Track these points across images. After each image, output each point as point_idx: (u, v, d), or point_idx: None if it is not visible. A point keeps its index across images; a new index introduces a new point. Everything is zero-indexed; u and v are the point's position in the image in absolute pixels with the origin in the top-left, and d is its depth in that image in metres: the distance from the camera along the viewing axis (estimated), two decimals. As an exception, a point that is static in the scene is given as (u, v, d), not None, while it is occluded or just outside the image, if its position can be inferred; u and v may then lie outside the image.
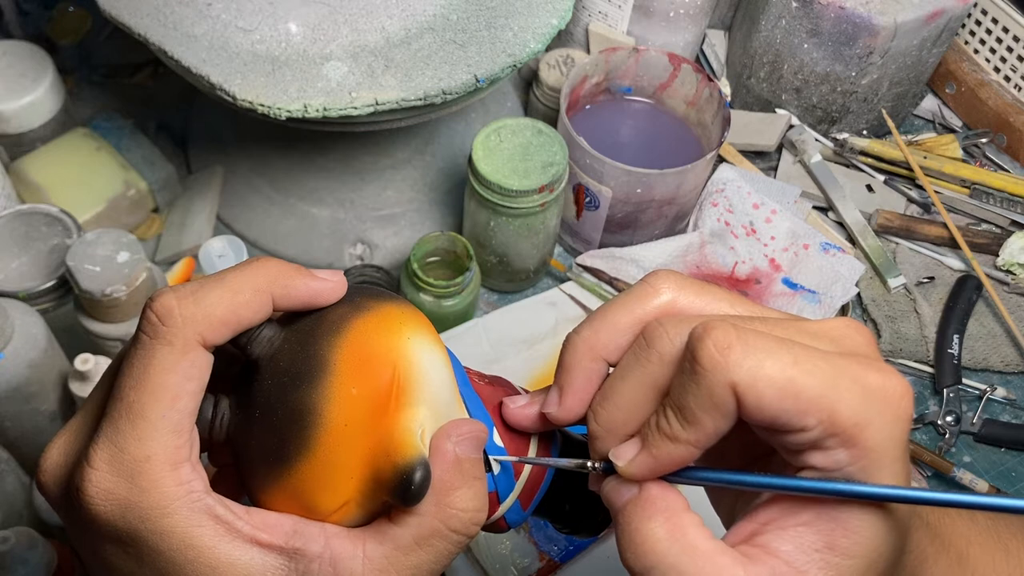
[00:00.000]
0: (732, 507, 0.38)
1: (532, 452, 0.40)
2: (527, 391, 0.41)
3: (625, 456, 0.34)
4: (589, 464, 0.36)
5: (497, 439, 0.39)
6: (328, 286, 0.37)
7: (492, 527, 0.40)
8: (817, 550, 0.32)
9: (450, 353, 0.39)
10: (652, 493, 0.34)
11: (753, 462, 0.37)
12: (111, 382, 0.36)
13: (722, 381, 0.31)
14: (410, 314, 0.38)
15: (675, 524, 0.33)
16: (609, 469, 0.35)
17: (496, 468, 0.38)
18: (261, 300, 0.36)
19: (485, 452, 0.38)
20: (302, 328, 0.37)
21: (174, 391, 0.34)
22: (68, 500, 0.35)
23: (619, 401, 0.34)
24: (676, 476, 0.34)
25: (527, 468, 0.39)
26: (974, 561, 0.40)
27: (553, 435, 0.41)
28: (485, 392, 0.40)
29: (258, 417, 0.36)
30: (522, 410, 0.39)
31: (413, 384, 0.36)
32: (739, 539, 0.33)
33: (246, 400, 0.37)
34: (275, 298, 0.37)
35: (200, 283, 0.36)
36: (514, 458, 0.39)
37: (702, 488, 0.37)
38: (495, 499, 0.39)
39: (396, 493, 0.34)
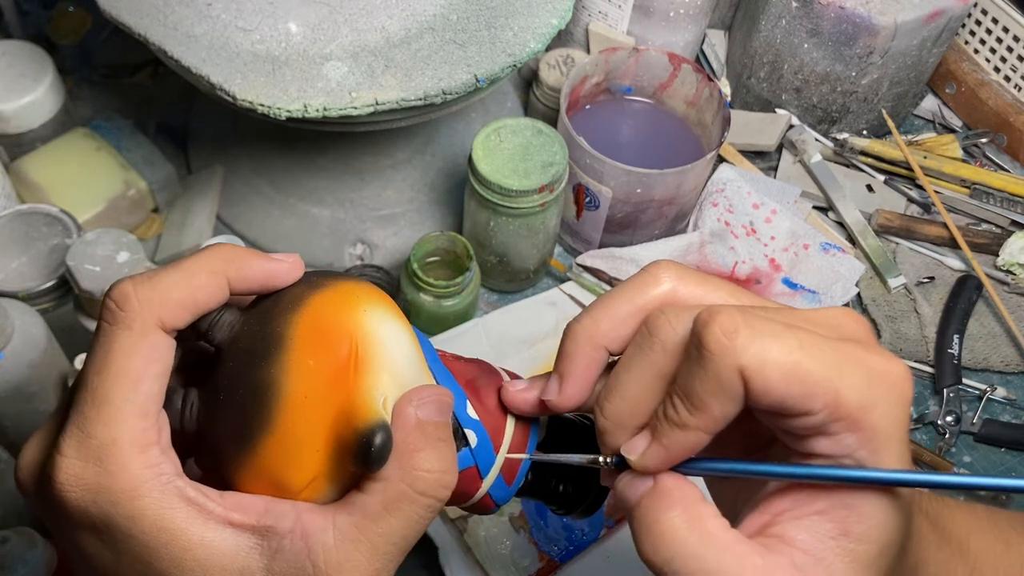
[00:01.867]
0: (734, 500, 0.38)
1: (510, 426, 0.40)
2: (507, 371, 0.41)
3: (637, 449, 0.34)
4: (601, 460, 0.36)
5: (471, 412, 0.39)
6: (283, 267, 0.38)
7: (479, 507, 0.40)
8: (833, 537, 0.32)
9: (419, 332, 0.39)
10: (667, 484, 0.34)
11: (753, 453, 0.37)
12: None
13: (730, 364, 0.31)
14: (368, 290, 0.38)
15: (693, 514, 0.33)
16: (621, 464, 0.35)
17: (473, 441, 0.38)
18: (216, 282, 0.36)
19: (460, 424, 0.38)
20: (260, 309, 0.38)
21: (136, 374, 0.35)
22: (43, 492, 0.35)
23: (625, 393, 0.35)
24: (689, 467, 0.34)
25: (506, 440, 0.39)
26: (975, 551, 0.40)
27: None
28: (458, 367, 0.40)
29: (223, 400, 0.37)
30: (521, 394, 0.39)
31: (371, 354, 0.36)
32: (752, 531, 0.33)
33: (212, 386, 0.37)
34: (231, 280, 0.37)
35: (156, 270, 0.36)
36: (525, 455, 0.39)
37: (702, 482, 0.37)
38: (476, 474, 0.39)
39: (358, 458, 0.34)
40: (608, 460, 0.36)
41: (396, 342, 0.37)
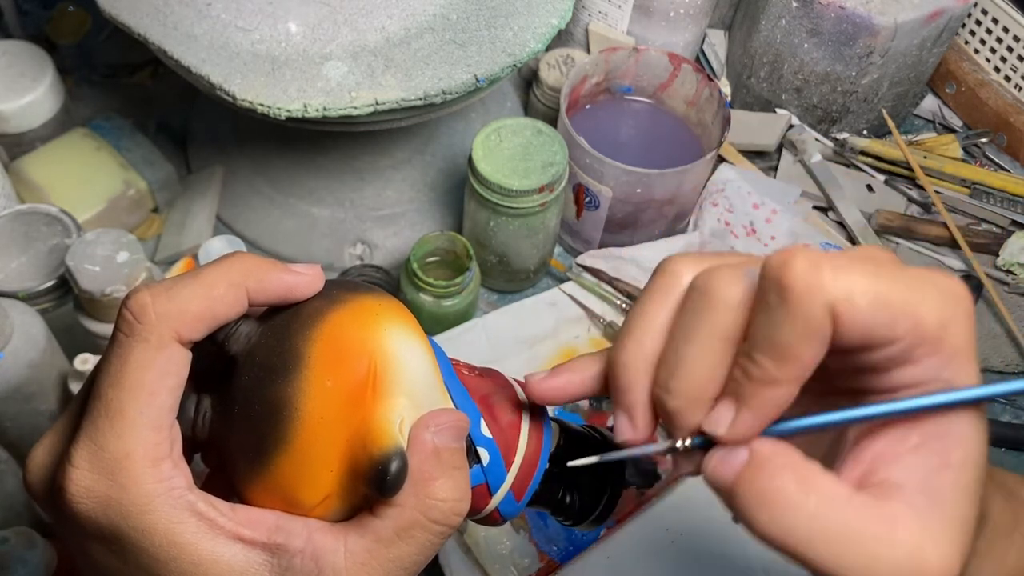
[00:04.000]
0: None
1: (523, 440, 0.39)
2: (518, 381, 0.40)
3: (723, 421, 0.32)
4: (678, 444, 0.33)
5: (484, 430, 0.38)
6: (304, 280, 0.37)
7: (487, 520, 0.40)
8: (936, 470, 0.31)
9: (435, 345, 0.38)
10: (766, 451, 0.31)
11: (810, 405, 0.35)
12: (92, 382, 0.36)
13: (819, 301, 0.29)
14: (388, 305, 0.37)
15: (802, 475, 0.31)
16: (700, 444, 0.32)
17: (485, 459, 0.38)
18: (236, 295, 0.36)
19: (472, 442, 0.38)
20: (278, 323, 0.37)
21: (151, 388, 0.34)
22: (53, 500, 0.35)
23: (693, 366, 0.32)
24: (778, 429, 0.32)
25: (518, 457, 0.39)
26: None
27: (546, 422, 0.41)
28: (472, 383, 0.40)
29: (237, 413, 0.36)
30: (545, 382, 0.37)
31: (391, 375, 0.35)
32: (851, 485, 0.32)
33: (226, 397, 0.37)
34: (250, 292, 0.36)
35: (175, 280, 0.36)
36: (593, 459, 0.37)
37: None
38: (486, 491, 0.38)
39: (373, 484, 0.34)
40: (687, 443, 0.33)
41: (415, 362, 0.36)
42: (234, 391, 0.37)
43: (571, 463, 0.38)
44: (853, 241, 0.91)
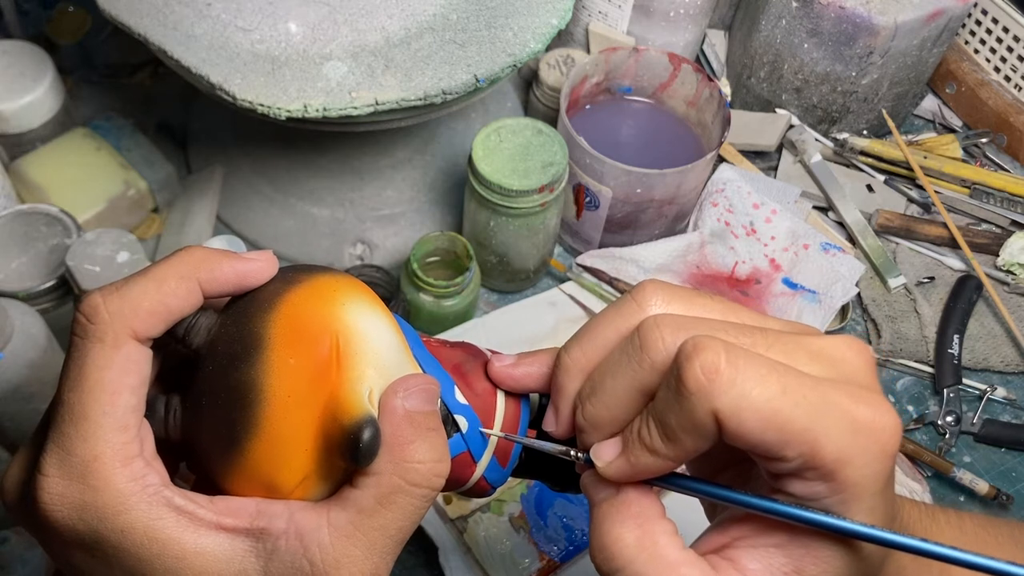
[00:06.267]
0: (712, 502, 0.38)
1: (500, 408, 0.39)
2: (494, 352, 0.41)
3: (605, 456, 0.34)
4: (572, 453, 0.36)
5: (459, 397, 0.38)
6: (256, 266, 0.37)
7: (475, 491, 0.40)
8: (785, 573, 0.32)
9: (401, 320, 0.39)
10: (629, 496, 0.34)
11: (734, 464, 0.37)
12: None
13: (704, 407, 0.30)
14: (345, 282, 0.37)
15: (646, 531, 0.33)
16: (588, 461, 0.35)
17: (463, 426, 0.38)
18: (188, 287, 0.36)
19: (449, 410, 0.38)
20: (236, 310, 0.37)
21: (112, 387, 0.34)
22: (29, 512, 0.35)
23: (607, 400, 0.34)
24: (656, 480, 0.34)
25: (497, 422, 0.39)
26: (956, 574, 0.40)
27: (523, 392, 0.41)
28: (444, 353, 0.40)
29: (205, 405, 0.36)
30: (507, 369, 0.39)
31: (354, 348, 0.36)
32: (709, 549, 0.33)
33: (194, 392, 0.37)
34: (203, 284, 0.36)
35: (126, 279, 0.36)
36: (501, 433, 0.39)
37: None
38: (469, 459, 0.39)
39: (347, 454, 0.34)
40: (579, 455, 0.36)
41: (377, 333, 0.36)
42: (200, 384, 0.37)
43: (483, 429, 0.38)
44: (853, 241, 0.91)
